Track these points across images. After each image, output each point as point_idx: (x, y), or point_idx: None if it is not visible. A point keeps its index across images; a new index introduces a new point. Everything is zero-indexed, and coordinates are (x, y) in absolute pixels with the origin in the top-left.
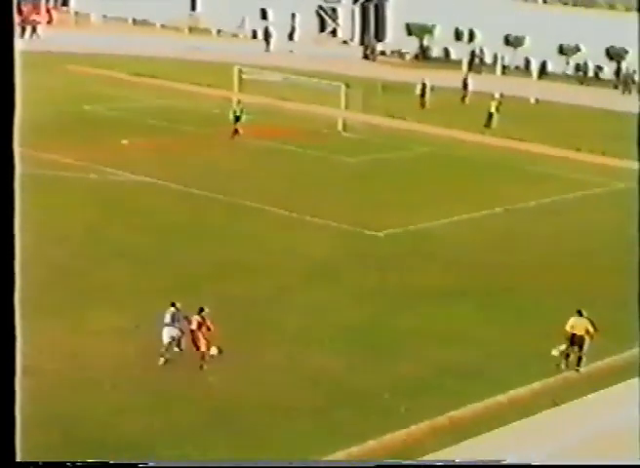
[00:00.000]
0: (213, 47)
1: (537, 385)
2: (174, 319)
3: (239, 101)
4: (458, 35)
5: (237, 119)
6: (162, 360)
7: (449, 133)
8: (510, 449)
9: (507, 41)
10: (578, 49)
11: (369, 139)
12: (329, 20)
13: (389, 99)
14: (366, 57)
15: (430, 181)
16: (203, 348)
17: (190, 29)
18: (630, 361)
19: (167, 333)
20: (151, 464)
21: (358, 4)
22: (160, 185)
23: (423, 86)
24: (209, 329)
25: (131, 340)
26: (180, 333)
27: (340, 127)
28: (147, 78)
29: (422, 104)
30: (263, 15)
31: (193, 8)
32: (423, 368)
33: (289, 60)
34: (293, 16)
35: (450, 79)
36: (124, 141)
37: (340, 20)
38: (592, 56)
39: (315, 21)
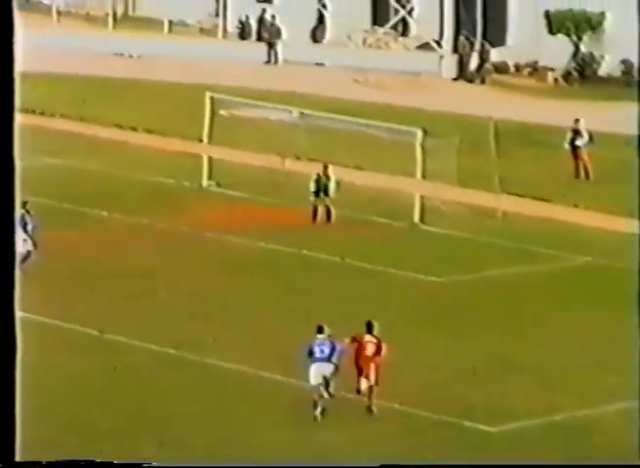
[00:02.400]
0: (160, 51)
1: None
2: (332, 351)
3: (326, 167)
4: None
5: (319, 192)
6: (318, 411)
7: (634, 226)
8: None
9: None
10: None
11: (472, 240)
12: (392, 2)
13: (513, 159)
14: (464, 75)
15: (605, 331)
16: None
17: (116, 18)
18: None
19: (317, 371)
20: (152, 464)
21: None
22: (47, 325)
23: (575, 133)
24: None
25: None
26: (334, 370)
27: (415, 214)
28: (29, 115)
29: (579, 170)
30: None
31: None
32: None
33: (311, 81)
34: None
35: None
36: None
37: (416, 3)
38: None
39: (364, 4)
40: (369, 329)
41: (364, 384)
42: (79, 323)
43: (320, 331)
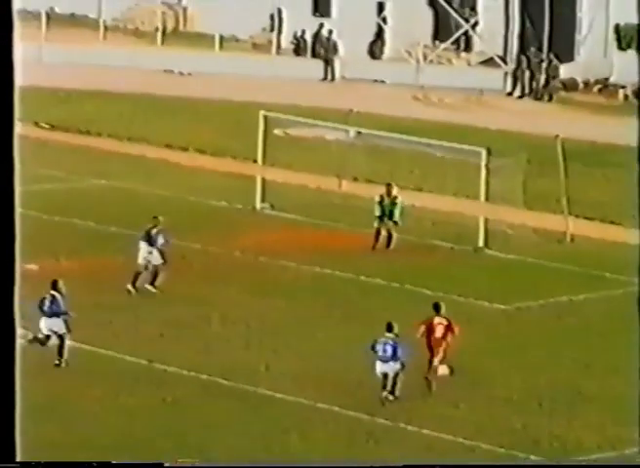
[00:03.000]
0: (211, 68)
1: None
2: (395, 351)
3: (389, 186)
4: None
5: (384, 215)
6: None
7: None
8: None
9: None
10: None
11: (539, 265)
12: (454, 16)
13: (581, 180)
14: (532, 91)
15: None
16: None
17: (165, 33)
18: None
19: (379, 369)
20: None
21: None
22: (94, 354)
23: None
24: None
25: None
26: (400, 369)
27: (480, 238)
28: (74, 134)
29: None
30: (315, 6)
31: None
32: None
33: (370, 99)
34: (379, 6)
35: None
36: (30, 266)
37: (480, 18)
38: None
39: (426, 18)
40: (436, 309)
41: (436, 363)
42: (127, 352)
43: (390, 329)
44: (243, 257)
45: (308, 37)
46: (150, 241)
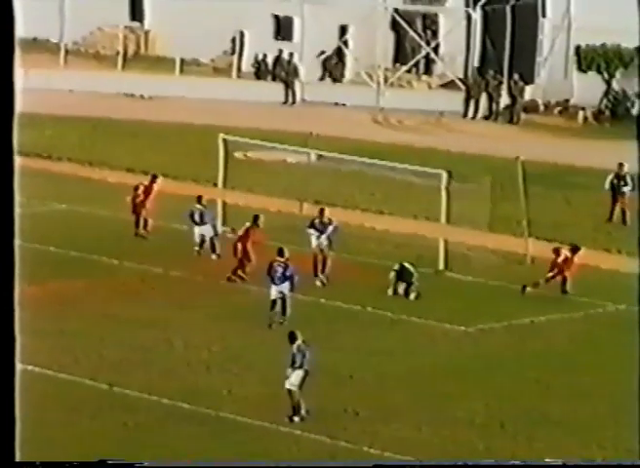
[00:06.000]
0: (172, 91)
1: None
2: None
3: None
4: None
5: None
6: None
7: None
8: None
9: None
10: None
11: (500, 287)
12: (416, 39)
13: (542, 202)
14: (491, 114)
15: None
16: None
17: (126, 57)
18: None
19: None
20: (151, 464)
21: (478, 8)
22: (53, 379)
23: (618, 178)
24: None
25: None
26: (303, 376)
27: (440, 261)
28: (34, 158)
29: (613, 214)
30: (277, 30)
31: (135, 16)
32: None
33: (330, 122)
34: (342, 30)
35: None
36: None
37: (441, 40)
38: None
39: (387, 41)
40: (574, 250)
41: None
42: (89, 377)
43: (292, 339)
44: (204, 281)
45: (270, 61)
46: (319, 230)
